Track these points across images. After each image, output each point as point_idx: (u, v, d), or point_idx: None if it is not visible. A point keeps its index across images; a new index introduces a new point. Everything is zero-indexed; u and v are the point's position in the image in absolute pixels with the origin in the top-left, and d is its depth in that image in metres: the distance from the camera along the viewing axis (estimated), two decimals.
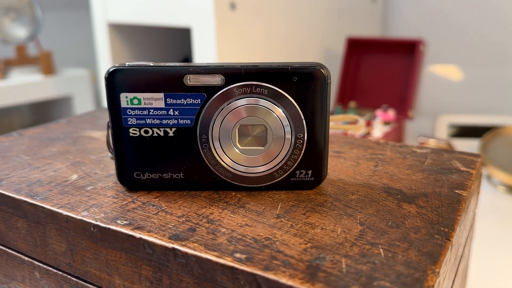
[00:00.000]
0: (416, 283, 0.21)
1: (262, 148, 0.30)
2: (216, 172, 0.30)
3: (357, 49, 1.03)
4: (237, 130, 0.29)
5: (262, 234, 0.25)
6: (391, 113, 0.91)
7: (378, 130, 0.87)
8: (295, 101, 0.29)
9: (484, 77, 1.13)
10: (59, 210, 0.28)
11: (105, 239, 0.27)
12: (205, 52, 0.93)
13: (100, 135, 0.44)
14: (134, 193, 0.30)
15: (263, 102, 0.29)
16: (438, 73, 1.20)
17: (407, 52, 0.98)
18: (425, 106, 1.15)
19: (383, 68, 1.00)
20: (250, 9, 0.94)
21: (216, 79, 0.28)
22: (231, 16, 0.91)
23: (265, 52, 0.98)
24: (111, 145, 0.33)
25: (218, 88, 0.28)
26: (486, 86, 1.12)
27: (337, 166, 0.35)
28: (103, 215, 0.27)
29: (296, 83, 0.28)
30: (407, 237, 0.25)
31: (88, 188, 0.31)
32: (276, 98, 0.28)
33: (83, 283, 0.29)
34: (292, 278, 0.21)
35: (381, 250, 0.23)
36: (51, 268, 0.30)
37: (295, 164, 0.30)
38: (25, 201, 0.30)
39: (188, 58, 1.35)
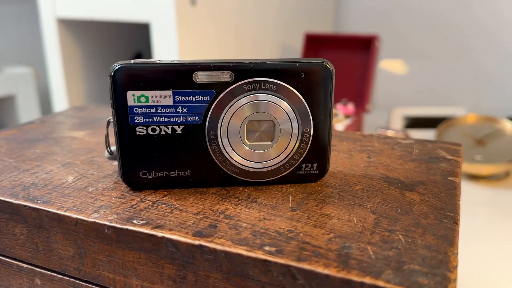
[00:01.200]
0: (442, 264, 0.22)
1: (270, 143, 0.30)
2: (223, 168, 0.30)
3: (315, 44, 1.05)
4: (245, 126, 0.29)
5: (283, 227, 0.26)
6: (350, 107, 0.94)
7: (340, 124, 0.90)
8: (302, 96, 0.29)
9: (432, 70, 1.19)
10: (67, 213, 0.27)
11: (121, 240, 0.26)
12: (165, 47, 0.91)
13: (82, 134, 0.42)
14: (140, 193, 0.30)
15: (271, 98, 0.29)
16: (388, 67, 1.25)
17: (362, 47, 1.01)
18: (378, 100, 1.20)
19: (341, 63, 1.03)
20: (210, 5, 0.94)
21: (225, 76, 0.28)
22: (192, 11, 0.91)
23: (225, 48, 0.98)
24: (110, 145, 0.33)
25: (227, 84, 0.28)
26: (435, 79, 1.19)
27: (333, 159, 0.36)
28: (116, 216, 0.27)
29: (304, 78, 0.29)
30: (419, 222, 0.26)
31: (90, 190, 0.30)
32: (284, 94, 0.29)
33: (94, 287, 0.28)
34: (328, 267, 0.22)
35: (400, 236, 0.25)
36: (55, 274, 0.29)
37: (301, 158, 0.31)
38: (25, 206, 0.28)
39: (140, 54, 1.32)
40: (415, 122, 1.03)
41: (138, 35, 1.29)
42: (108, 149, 0.32)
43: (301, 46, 1.13)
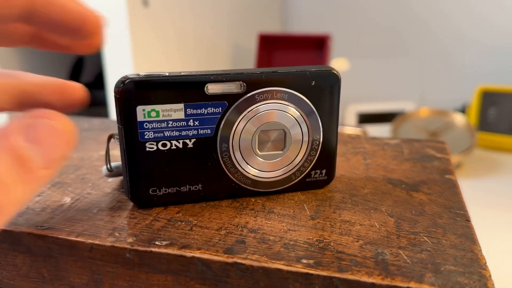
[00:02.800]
0: (473, 262, 0.23)
1: (281, 152, 0.30)
2: (235, 180, 0.30)
3: (268, 44, 1.06)
4: (257, 136, 0.29)
5: (311, 237, 0.26)
6: None
7: None
8: (312, 104, 0.29)
9: (379, 67, 1.24)
10: (79, 239, 0.25)
11: (144, 264, 0.25)
12: (116, 50, 0.88)
13: None
14: (150, 211, 0.29)
15: (283, 107, 0.29)
16: (336, 66, 1.28)
17: (315, 47, 1.04)
18: None
19: (295, 62, 1.05)
20: (162, 6, 0.92)
21: (237, 87, 0.28)
22: (144, 13, 0.88)
23: (178, 50, 0.96)
24: (110, 162, 0.31)
25: (240, 95, 0.28)
26: (382, 76, 1.24)
27: None
28: (135, 238, 0.25)
29: (314, 86, 0.29)
30: (436, 223, 0.27)
31: (95, 211, 0.29)
32: (296, 102, 0.29)
33: None
34: (371, 276, 0.22)
35: (425, 238, 0.25)
36: None
37: (311, 165, 0.31)
38: (29, 234, 0.26)
39: (81, 58, 1.26)
40: (368, 118, 1.07)
41: None
42: (108, 166, 0.31)
43: (251, 46, 1.13)
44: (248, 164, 0.29)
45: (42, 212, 0.28)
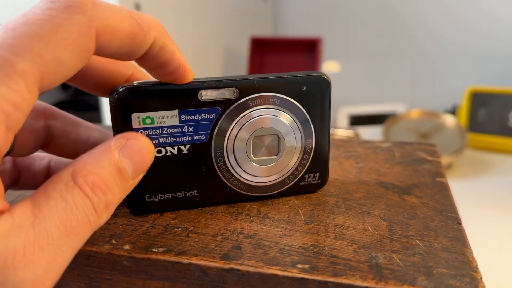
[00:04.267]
0: (465, 265, 0.24)
1: (275, 157, 0.30)
2: (230, 185, 0.30)
3: (260, 48, 1.07)
4: (251, 141, 0.29)
5: (306, 242, 0.26)
6: None
7: None
8: (304, 109, 0.30)
9: (369, 69, 1.25)
10: None
11: (141, 270, 0.25)
12: None
13: None
14: (146, 217, 0.29)
15: (276, 112, 0.29)
16: (327, 68, 1.29)
17: (306, 50, 1.04)
18: None
19: (286, 66, 1.05)
20: (154, 10, 0.92)
21: (230, 93, 0.28)
22: None
23: None
24: None
25: (233, 101, 0.28)
26: (373, 77, 1.25)
27: None
28: (132, 245, 0.26)
29: (305, 91, 0.29)
30: (428, 226, 0.28)
31: None
32: (288, 107, 0.29)
33: None
34: (365, 280, 0.22)
35: (417, 241, 0.26)
36: None
37: (305, 169, 0.31)
38: None
39: None
40: (359, 120, 1.07)
41: None
42: None
43: (243, 49, 1.14)
44: (242, 169, 0.30)
45: None
